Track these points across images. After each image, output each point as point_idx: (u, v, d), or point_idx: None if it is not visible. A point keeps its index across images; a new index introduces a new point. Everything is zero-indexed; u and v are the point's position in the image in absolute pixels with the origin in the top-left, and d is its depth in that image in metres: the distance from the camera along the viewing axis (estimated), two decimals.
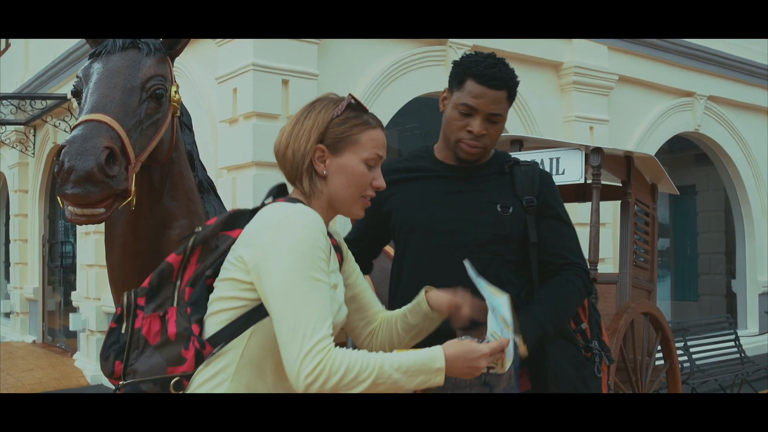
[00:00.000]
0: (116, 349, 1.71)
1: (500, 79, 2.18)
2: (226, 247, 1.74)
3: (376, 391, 1.58)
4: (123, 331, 1.71)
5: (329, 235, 1.80)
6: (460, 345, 1.67)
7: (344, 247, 1.99)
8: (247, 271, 1.65)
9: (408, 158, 2.44)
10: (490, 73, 2.17)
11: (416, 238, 2.25)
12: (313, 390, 1.54)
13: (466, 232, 2.23)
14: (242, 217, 1.77)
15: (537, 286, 2.28)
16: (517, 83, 2.25)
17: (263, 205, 1.79)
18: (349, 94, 1.81)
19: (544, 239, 2.28)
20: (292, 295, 1.58)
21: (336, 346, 1.60)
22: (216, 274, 1.73)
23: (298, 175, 1.79)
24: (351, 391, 1.56)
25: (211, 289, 1.73)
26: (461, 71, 2.22)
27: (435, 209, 2.26)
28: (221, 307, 1.69)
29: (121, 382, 1.68)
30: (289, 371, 1.57)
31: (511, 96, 2.24)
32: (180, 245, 1.78)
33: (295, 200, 1.77)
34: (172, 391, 1.65)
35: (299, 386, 1.56)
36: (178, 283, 1.75)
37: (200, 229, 1.78)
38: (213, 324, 1.69)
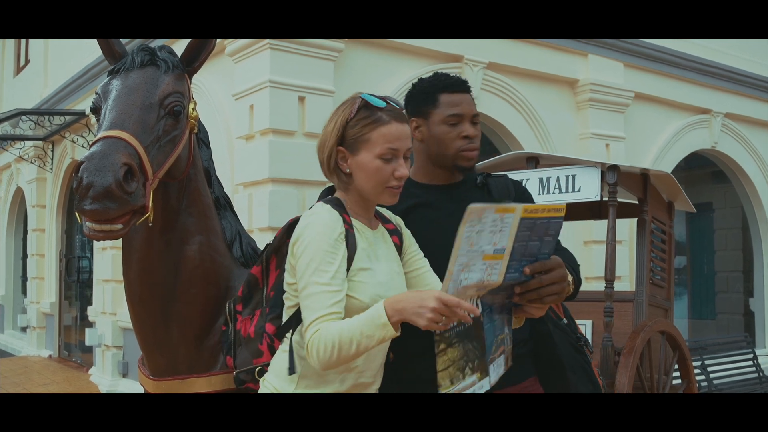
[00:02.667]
0: (226, 347, 2.11)
1: (465, 84, 2.34)
2: None
3: (351, 354, 1.72)
4: (229, 332, 2.09)
5: (388, 220, 2.10)
6: (402, 294, 1.77)
7: (404, 231, 2.14)
8: (293, 274, 1.88)
9: None
10: (455, 82, 2.32)
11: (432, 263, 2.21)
12: (316, 364, 1.75)
13: None
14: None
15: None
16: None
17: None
18: (359, 96, 1.94)
19: None
20: (303, 286, 1.81)
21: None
22: None
23: (330, 173, 1.98)
24: (337, 362, 1.73)
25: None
26: (430, 92, 2.32)
27: (439, 235, 2.24)
28: (285, 307, 1.96)
29: (234, 372, 2.07)
30: None
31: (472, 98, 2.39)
32: (258, 258, 2.10)
33: (329, 197, 1.98)
34: (257, 377, 2.02)
35: None
36: (265, 289, 2.07)
37: (271, 241, 2.06)
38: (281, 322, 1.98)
